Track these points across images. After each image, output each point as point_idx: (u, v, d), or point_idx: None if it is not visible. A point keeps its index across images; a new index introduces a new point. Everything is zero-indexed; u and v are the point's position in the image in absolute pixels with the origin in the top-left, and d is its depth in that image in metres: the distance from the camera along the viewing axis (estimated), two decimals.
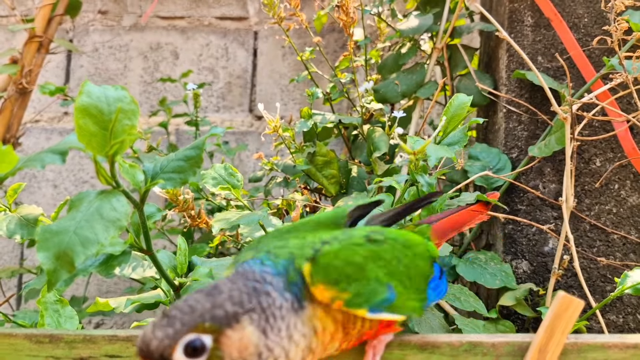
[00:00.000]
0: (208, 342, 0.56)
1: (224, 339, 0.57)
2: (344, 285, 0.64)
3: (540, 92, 1.46)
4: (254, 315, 0.60)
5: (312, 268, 0.64)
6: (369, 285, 0.66)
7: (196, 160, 0.74)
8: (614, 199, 1.43)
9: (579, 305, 0.74)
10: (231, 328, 0.57)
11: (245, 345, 0.58)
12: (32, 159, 0.75)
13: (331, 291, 0.63)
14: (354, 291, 0.64)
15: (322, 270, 0.64)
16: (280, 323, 0.61)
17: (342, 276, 0.64)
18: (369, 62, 1.72)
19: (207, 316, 0.57)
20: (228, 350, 0.57)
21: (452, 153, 0.97)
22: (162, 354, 0.55)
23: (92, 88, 0.64)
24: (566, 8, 1.50)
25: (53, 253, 0.65)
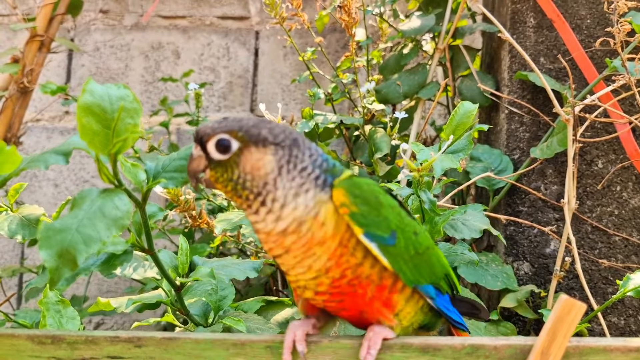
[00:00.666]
0: (235, 146, 0.70)
1: (246, 151, 0.70)
2: (358, 202, 0.71)
3: (542, 94, 1.46)
4: (280, 152, 0.71)
5: (346, 179, 0.73)
6: (377, 217, 0.72)
7: None
8: (616, 201, 1.43)
9: (581, 308, 0.73)
10: (256, 147, 0.70)
11: (258, 166, 0.70)
12: (36, 160, 0.74)
13: (346, 198, 0.71)
14: (362, 211, 0.71)
15: (351, 184, 0.72)
16: (297, 176, 0.71)
17: (362, 196, 0.71)
18: (371, 63, 1.72)
19: (244, 129, 0.70)
20: (244, 162, 0.70)
21: (457, 163, 0.97)
22: (202, 140, 0.71)
23: (95, 86, 0.64)
24: (569, 9, 1.49)
25: (55, 251, 0.65)
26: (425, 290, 0.77)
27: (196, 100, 1.76)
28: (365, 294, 0.73)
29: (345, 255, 0.71)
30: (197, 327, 1.04)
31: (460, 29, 1.61)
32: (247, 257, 1.54)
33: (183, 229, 1.61)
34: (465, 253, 1.10)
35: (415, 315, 0.78)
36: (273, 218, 0.70)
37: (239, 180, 0.70)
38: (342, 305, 0.75)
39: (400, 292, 0.75)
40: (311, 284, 0.73)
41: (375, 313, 0.75)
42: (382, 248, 0.72)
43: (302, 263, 0.71)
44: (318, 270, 0.72)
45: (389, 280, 0.74)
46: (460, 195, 1.56)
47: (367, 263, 0.72)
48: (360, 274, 0.72)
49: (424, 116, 1.64)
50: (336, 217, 0.71)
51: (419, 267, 0.76)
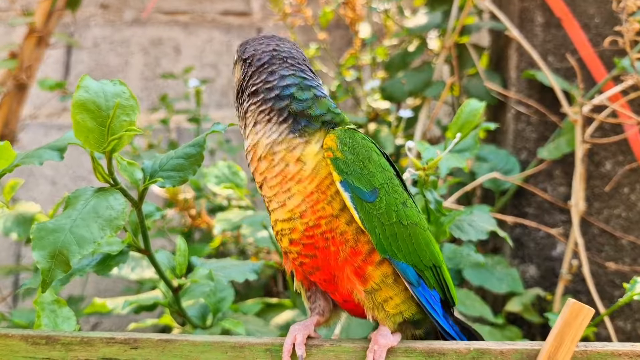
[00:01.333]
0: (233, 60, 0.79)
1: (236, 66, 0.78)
2: (345, 149, 0.70)
3: (550, 93, 1.44)
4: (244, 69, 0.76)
5: (343, 128, 0.72)
6: (361, 169, 0.70)
7: (197, 158, 0.72)
8: (624, 203, 1.40)
9: (589, 313, 0.72)
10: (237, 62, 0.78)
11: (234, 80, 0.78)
12: (30, 156, 0.72)
13: (334, 143, 0.70)
14: (347, 159, 0.70)
15: (345, 132, 0.71)
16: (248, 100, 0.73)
17: (351, 145, 0.70)
18: (376, 60, 1.69)
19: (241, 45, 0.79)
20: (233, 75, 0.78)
21: (463, 162, 0.94)
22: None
23: (90, 83, 0.61)
24: (577, 7, 1.47)
25: (48, 252, 0.63)
26: (402, 269, 0.72)
27: (196, 97, 1.73)
28: (337, 253, 0.70)
29: (322, 202, 0.69)
30: (195, 329, 1.02)
31: (467, 27, 1.58)
32: (247, 258, 1.51)
33: (182, 229, 1.58)
34: (471, 254, 1.08)
35: (401, 304, 0.73)
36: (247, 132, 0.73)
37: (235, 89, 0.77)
38: (315, 263, 0.72)
39: (376, 266, 0.71)
40: (286, 228, 0.71)
41: (345, 280, 0.71)
42: (357, 202, 0.69)
43: (277, 197, 0.71)
44: (292, 211, 0.70)
45: (365, 246, 0.70)
46: (466, 196, 1.53)
47: (343, 218, 0.70)
48: (334, 228, 0.70)
49: (430, 115, 1.61)
50: (318, 160, 0.70)
51: (397, 239, 0.72)
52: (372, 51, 1.62)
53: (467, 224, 1.00)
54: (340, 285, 0.72)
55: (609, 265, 1.38)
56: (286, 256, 0.77)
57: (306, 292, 0.79)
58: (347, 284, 0.72)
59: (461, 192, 1.36)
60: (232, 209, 1.31)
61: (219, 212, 1.27)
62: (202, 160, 0.73)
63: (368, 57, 1.63)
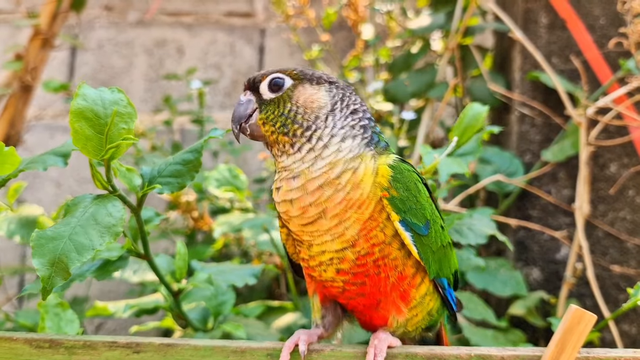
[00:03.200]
0: (288, 82, 0.74)
1: (300, 87, 0.73)
2: (399, 187, 0.71)
3: (554, 95, 1.43)
4: (334, 90, 0.74)
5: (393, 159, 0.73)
6: (415, 206, 0.71)
7: (194, 165, 0.72)
8: (629, 206, 1.39)
9: (592, 319, 0.71)
10: (310, 83, 0.74)
11: (312, 99, 0.73)
12: (34, 161, 0.73)
13: (388, 183, 0.70)
14: (403, 197, 0.71)
15: (396, 166, 0.72)
16: (348, 117, 0.73)
17: (403, 182, 0.71)
18: (379, 61, 1.68)
19: (298, 69, 0.75)
20: (297, 95, 0.73)
21: (465, 167, 0.93)
22: (254, 82, 0.75)
23: (88, 91, 0.61)
24: (582, 9, 1.45)
25: (48, 259, 0.63)
26: (441, 282, 0.77)
27: (199, 98, 1.74)
28: (387, 278, 0.72)
29: (375, 230, 0.70)
30: (196, 332, 1.02)
31: (471, 28, 1.57)
32: (249, 260, 1.51)
33: (185, 231, 1.59)
34: (471, 258, 1.07)
35: (422, 320, 0.77)
36: (313, 156, 0.70)
37: (289, 114, 0.72)
38: (362, 290, 0.73)
39: (417, 288, 0.74)
40: (335, 259, 0.71)
41: (391, 305, 0.73)
42: (416, 238, 0.71)
43: (334, 229, 0.69)
44: (347, 241, 0.70)
45: (410, 270, 0.73)
46: (470, 198, 1.53)
47: (395, 244, 0.71)
48: (387, 255, 0.71)
49: (433, 116, 1.61)
50: (372, 183, 0.70)
51: (441, 261, 0.76)
52: (375, 52, 1.62)
53: (466, 228, 1.00)
54: (384, 309, 0.74)
55: (613, 269, 1.37)
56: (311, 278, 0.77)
57: (321, 310, 0.79)
58: (392, 308, 0.74)
59: (464, 194, 1.35)
60: (234, 212, 1.31)
61: (220, 215, 1.27)
62: (200, 167, 0.73)
63: (371, 58, 1.62)
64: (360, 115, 0.74)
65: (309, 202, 0.69)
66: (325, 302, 0.79)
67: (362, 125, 0.74)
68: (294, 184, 0.70)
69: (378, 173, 0.71)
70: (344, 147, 0.71)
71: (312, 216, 0.70)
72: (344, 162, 0.70)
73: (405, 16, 1.73)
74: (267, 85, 0.74)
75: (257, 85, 0.74)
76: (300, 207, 0.70)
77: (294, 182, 0.70)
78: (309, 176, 0.69)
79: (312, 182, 0.69)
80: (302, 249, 0.73)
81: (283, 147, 0.72)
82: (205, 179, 1.21)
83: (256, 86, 0.74)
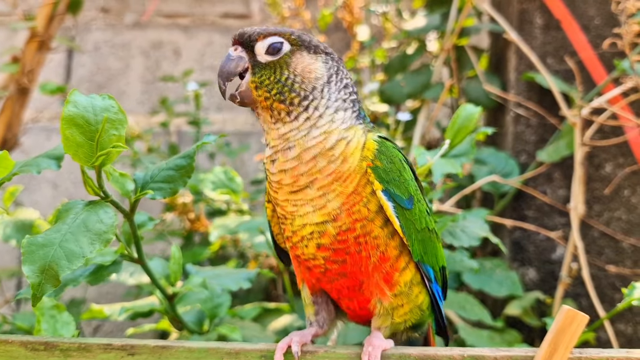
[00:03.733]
0: (286, 47, 0.71)
1: (298, 54, 0.71)
2: (383, 158, 0.71)
3: (549, 95, 1.43)
4: (330, 62, 0.73)
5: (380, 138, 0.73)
6: (399, 177, 0.71)
7: (187, 170, 0.72)
8: (624, 206, 1.39)
9: (584, 319, 0.71)
10: (308, 51, 0.72)
11: (310, 69, 0.71)
12: (28, 164, 0.73)
13: (373, 155, 0.71)
14: (386, 168, 0.71)
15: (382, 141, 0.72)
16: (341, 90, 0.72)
17: (387, 155, 0.72)
18: (375, 63, 1.69)
19: (296, 34, 0.72)
20: (295, 63, 0.71)
21: (458, 168, 0.93)
22: (249, 39, 0.71)
23: (79, 97, 0.61)
24: (577, 9, 1.45)
25: (38, 266, 0.63)
26: (425, 269, 0.76)
27: (195, 100, 1.74)
28: (368, 258, 0.71)
29: (358, 204, 0.70)
30: (192, 334, 1.02)
31: (466, 29, 1.57)
32: (247, 261, 1.51)
33: (182, 232, 1.59)
34: (464, 260, 1.07)
35: (409, 312, 0.76)
36: (309, 125, 0.70)
37: (287, 82, 0.70)
38: (343, 269, 0.72)
39: (401, 273, 0.73)
40: (316, 232, 0.70)
41: (374, 287, 0.73)
42: (399, 210, 0.70)
43: (317, 200, 0.69)
44: (327, 214, 0.69)
45: (393, 251, 0.72)
46: (466, 199, 1.53)
47: (378, 221, 0.70)
48: (369, 232, 0.70)
49: (429, 117, 1.61)
50: (359, 157, 0.70)
51: (425, 244, 0.75)
52: (371, 53, 1.62)
53: (459, 230, 1.00)
54: (367, 291, 0.74)
55: (609, 269, 1.37)
56: (298, 262, 0.76)
57: (313, 304, 0.79)
58: (376, 290, 0.73)
59: (459, 195, 1.36)
60: (230, 214, 1.31)
61: (217, 218, 1.28)
62: (193, 172, 0.73)
63: (367, 59, 1.63)
64: (350, 90, 0.74)
65: (302, 172, 0.69)
66: (315, 292, 0.78)
67: (352, 99, 0.74)
68: (290, 154, 0.70)
69: (365, 146, 0.71)
70: (337, 118, 0.71)
71: (301, 185, 0.70)
72: (338, 132, 0.70)
73: (401, 17, 1.73)
74: (264, 47, 0.71)
75: (252, 43, 0.71)
76: (293, 175, 0.70)
77: (290, 153, 0.70)
78: (304, 146, 0.69)
79: (307, 152, 0.69)
80: (286, 225, 0.73)
81: (278, 115, 0.70)
82: (201, 182, 1.21)
83: (251, 44, 0.71)
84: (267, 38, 0.71)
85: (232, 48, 0.73)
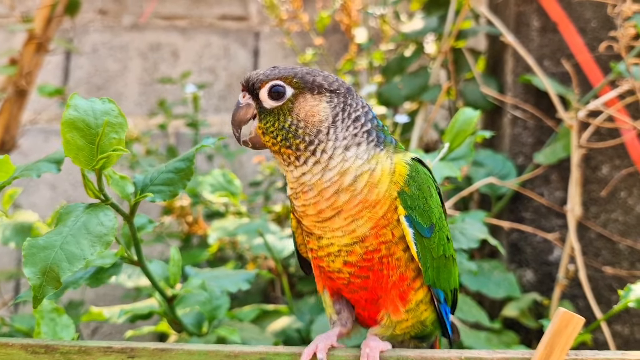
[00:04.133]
0: (289, 92, 0.70)
1: (301, 98, 0.70)
2: (412, 184, 0.72)
3: (546, 98, 1.43)
4: (335, 99, 0.71)
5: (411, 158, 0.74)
6: (423, 206, 0.72)
7: (186, 173, 0.72)
8: (621, 207, 1.40)
9: (579, 322, 0.72)
10: (311, 93, 0.70)
11: (313, 112, 0.70)
12: (28, 168, 0.73)
13: (404, 179, 0.71)
14: (413, 194, 0.72)
15: (413, 165, 0.73)
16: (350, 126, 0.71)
17: (417, 180, 0.72)
18: (373, 64, 1.69)
19: (299, 75, 0.71)
20: (298, 108, 0.70)
21: (457, 171, 0.94)
22: (253, 86, 0.71)
23: (80, 101, 0.62)
24: (574, 12, 1.46)
25: (39, 268, 0.63)
26: (436, 292, 0.78)
27: (194, 102, 1.74)
28: (389, 276, 0.73)
29: (386, 228, 0.71)
30: (191, 336, 1.03)
31: (464, 31, 1.58)
32: (245, 263, 1.52)
33: (180, 234, 1.59)
34: (463, 262, 1.08)
35: (411, 326, 0.78)
36: (320, 168, 0.70)
37: (290, 128, 0.70)
38: (365, 284, 0.74)
39: (416, 292, 0.75)
40: (343, 251, 0.72)
41: (389, 302, 0.75)
42: (417, 237, 0.71)
43: (346, 227, 0.70)
44: (357, 237, 0.71)
45: (411, 273, 0.74)
46: (464, 200, 1.54)
47: (401, 245, 0.72)
48: (392, 253, 0.72)
49: (427, 119, 1.62)
50: (389, 182, 0.70)
51: (439, 270, 0.76)
52: (369, 55, 1.62)
53: (458, 232, 1.01)
54: (383, 305, 0.76)
55: (606, 270, 1.38)
56: (320, 271, 0.78)
57: (334, 305, 0.80)
58: (390, 305, 0.75)
59: (457, 197, 1.36)
60: (228, 216, 1.31)
61: (215, 220, 1.28)
62: (192, 175, 0.73)
63: (365, 61, 1.63)
64: (362, 122, 0.72)
65: (325, 207, 0.70)
66: (335, 297, 0.80)
67: (365, 131, 0.72)
68: (310, 194, 0.70)
69: (395, 172, 0.71)
70: (349, 156, 0.70)
71: (326, 217, 0.71)
72: (355, 169, 0.70)
73: (399, 20, 1.73)
74: (266, 93, 0.71)
75: (257, 91, 0.71)
76: (318, 209, 0.71)
77: (310, 194, 0.70)
78: (321, 187, 0.70)
79: (326, 191, 0.70)
80: (311, 240, 0.74)
81: (288, 159, 0.71)
82: (199, 184, 1.21)
83: (255, 92, 0.72)
84: (268, 83, 0.70)
85: (241, 95, 0.73)
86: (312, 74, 0.72)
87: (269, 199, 1.68)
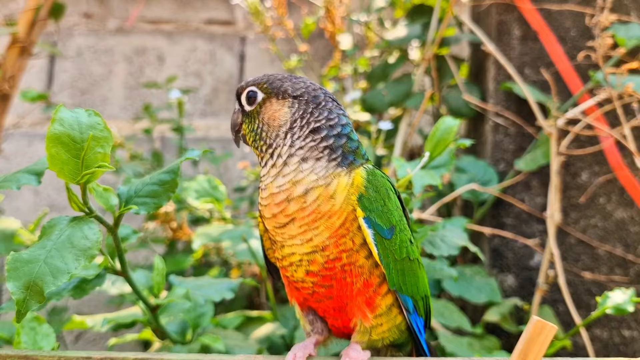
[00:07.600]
0: (259, 97, 0.76)
1: (268, 102, 0.75)
2: (369, 187, 0.73)
3: (527, 105, 1.45)
4: (297, 105, 0.74)
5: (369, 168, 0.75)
6: (382, 207, 0.74)
7: (171, 185, 0.73)
8: (600, 213, 1.43)
9: (552, 330, 0.74)
10: (277, 98, 0.75)
11: (274, 117, 0.74)
12: (8, 180, 0.73)
13: (362, 184, 0.72)
14: (371, 197, 0.73)
15: (371, 171, 0.74)
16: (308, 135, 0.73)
17: (374, 183, 0.73)
18: (358, 71, 1.70)
19: (270, 81, 0.76)
20: (264, 112, 0.75)
21: (438, 179, 0.95)
22: (238, 93, 0.78)
23: (65, 114, 0.62)
24: (554, 21, 1.49)
25: (23, 283, 0.63)
26: (404, 300, 0.78)
27: (179, 108, 1.74)
28: (352, 284, 0.74)
29: (346, 237, 0.72)
30: (174, 344, 1.03)
31: (447, 39, 1.60)
32: (230, 269, 1.52)
33: (165, 240, 1.59)
34: (444, 269, 1.10)
35: (387, 331, 0.78)
36: (275, 172, 0.73)
37: (257, 130, 0.75)
38: (330, 293, 0.75)
39: (383, 297, 0.76)
40: (305, 261, 0.73)
41: (356, 309, 0.75)
42: (378, 238, 0.73)
43: (302, 235, 0.72)
44: (316, 246, 0.72)
45: (376, 279, 0.75)
46: (447, 206, 1.55)
47: (363, 252, 0.73)
48: (354, 261, 0.73)
49: (410, 125, 1.63)
50: (346, 194, 0.72)
51: (404, 273, 0.77)
52: (354, 62, 1.63)
53: (439, 239, 1.02)
54: (350, 312, 0.77)
55: (585, 275, 1.41)
56: (287, 281, 0.80)
57: (306, 317, 0.82)
58: (358, 312, 0.76)
59: (440, 203, 1.38)
60: (213, 223, 1.32)
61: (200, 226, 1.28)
62: (177, 187, 0.74)
63: (349, 68, 1.64)
64: (322, 135, 0.74)
65: (278, 211, 0.72)
66: (304, 309, 0.81)
67: (325, 145, 0.73)
68: (263, 194, 0.74)
69: (353, 183, 0.73)
70: (305, 168, 0.72)
71: (282, 222, 0.73)
72: (307, 182, 0.71)
73: (383, 27, 1.75)
74: (245, 98, 0.77)
75: (239, 96, 0.78)
76: (271, 213, 0.73)
77: (263, 193, 0.74)
78: (272, 190, 0.73)
79: (277, 196, 0.72)
80: (277, 249, 0.76)
81: (259, 159, 0.77)
82: (184, 190, 1.22)
83: (239, 97, 0.78)
84: (245, 89, 0.77)
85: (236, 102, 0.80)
86: (283, 79, 0.76)
87: (253, 205, 1.68)
